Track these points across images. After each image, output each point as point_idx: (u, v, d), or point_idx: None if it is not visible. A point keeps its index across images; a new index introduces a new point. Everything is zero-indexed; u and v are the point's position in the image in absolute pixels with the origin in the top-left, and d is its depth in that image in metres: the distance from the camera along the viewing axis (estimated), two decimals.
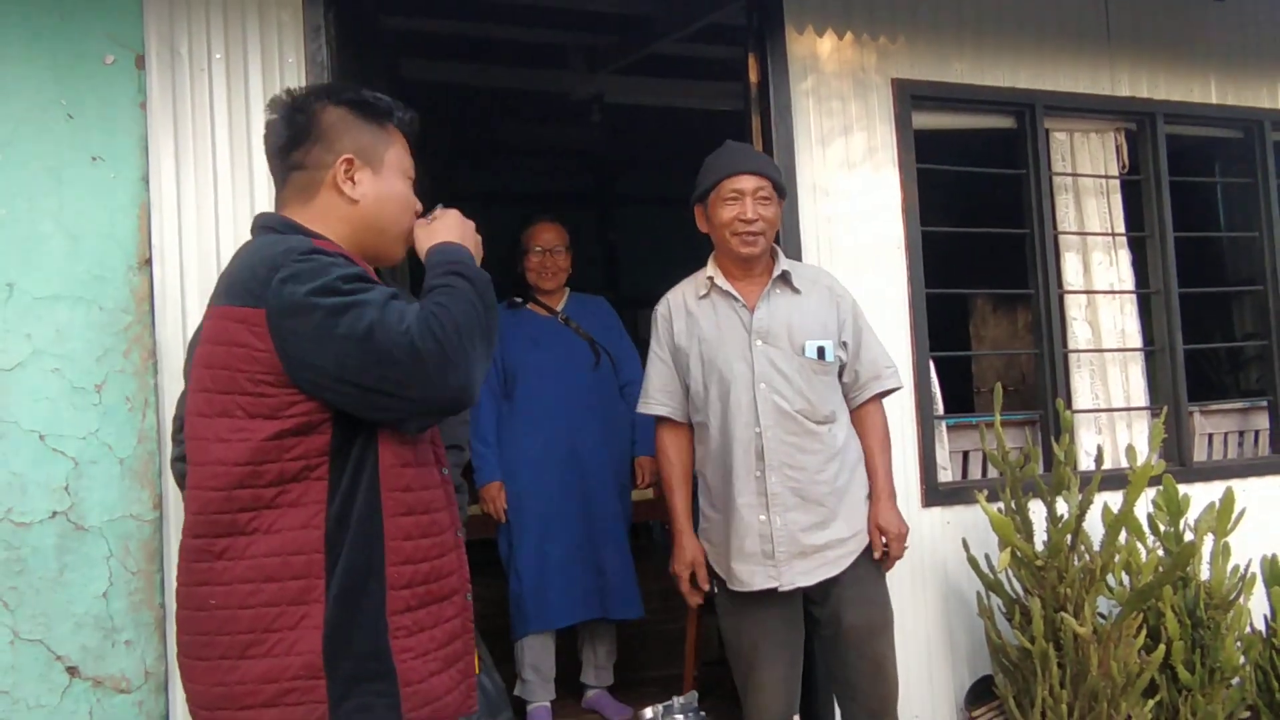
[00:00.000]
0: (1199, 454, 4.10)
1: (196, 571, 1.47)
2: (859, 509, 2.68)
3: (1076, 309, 3.97)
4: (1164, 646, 3.05)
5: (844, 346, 2.69)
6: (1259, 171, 4.26)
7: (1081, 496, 3.06)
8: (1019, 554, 3.07)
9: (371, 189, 1.64)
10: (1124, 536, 3.16)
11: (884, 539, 2.67)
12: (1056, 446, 3.19)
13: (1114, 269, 4.05)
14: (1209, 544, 3.36)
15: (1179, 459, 3.92)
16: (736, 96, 3.81)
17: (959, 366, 5.92)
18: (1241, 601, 3.27)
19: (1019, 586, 3.16)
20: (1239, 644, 3.22)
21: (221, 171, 2.81)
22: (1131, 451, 3.25)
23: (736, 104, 3.84)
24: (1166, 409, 3.71)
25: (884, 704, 2.70)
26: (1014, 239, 3.90)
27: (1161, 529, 3.33)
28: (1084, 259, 4.03)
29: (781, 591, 2.62)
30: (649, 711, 3.22)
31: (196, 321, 2.27)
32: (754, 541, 2.62)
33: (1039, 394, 3.85)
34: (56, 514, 2.62)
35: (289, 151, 1.63)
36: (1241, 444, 4.30)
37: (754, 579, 2.62)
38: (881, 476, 2.69)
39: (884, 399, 2.78)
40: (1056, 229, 3.92)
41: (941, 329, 3.81)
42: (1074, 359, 3.92)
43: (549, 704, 3.63)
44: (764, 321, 2.65)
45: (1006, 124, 3.90)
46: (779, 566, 2.60)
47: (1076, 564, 3.04)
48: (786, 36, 3.49)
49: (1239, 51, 4.22)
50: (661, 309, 2.79)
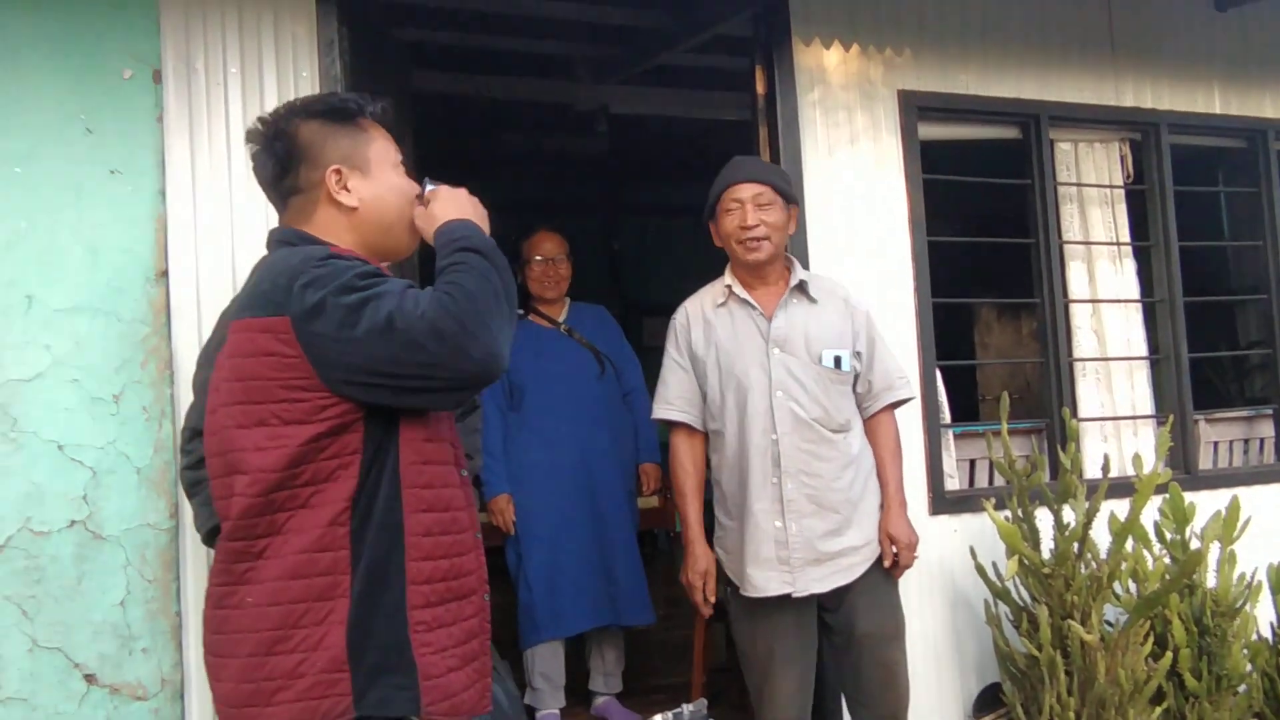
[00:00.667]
0: (1204, 462, 4.12)
1: (236, 573, 1.50)
2: (873, 517, 2.71)
3: (1082, 318, 4.00)
4: (1171, 654, 3.06)
5: (858, 356, 2.72)
6: (1262, 181, 4.29)
7: (1088, 505, 3.08)
8: (1026, 562, 3.09)
9: (366, 191, 1.66)
10: (1130, 544, 3.19)
11: (894, 548, 2.70)
12: (1063, 455, 3.21)
13: (1119, 278, 4.07)
14: (1215, 552, 3.38)
15: (1185, 467, 3.94)
16: (743, 107, 3.84)
17: (963, 375, 5.95)
18: (1248, 609, 3.29)
19: (1026, 594, 3.18)
20: (1245, 651, 3.23)
21: (237, 185, 2.84)
22: (1137, 460, 3.28)
23: (743, 114, 3.88)
24: (1172, 417, 3.74)
25: (895, 711, 2.72)
26: (1019, 248, 3.93)
27: (1168, 537, 3.35)
28: (1089, 268, 4.05)
29: (795, 598, 2.64)
30: (658, 718, 3.24)
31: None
32: (769, 547, 2.64)
33: (1045, 402, 3.88)
34: (75, 523, 2.65)
35: (280, 179, 1.66)
36: (1247, 452, 4.32)
37: (769, 584, 2.65)
38: (893, 485, 2.73)
39: (896, 409, 2.80)
40: (1062, 238, 3.95)
41: (947, 337, 3.84)
42: (1079, 367, 3.94)
43: (559, 711, 3.66)
44: (781, 330, 2.68)
45: (1012, 134, 3.93)
46: (794, 572, 2.63)
47: (1083, 572, 3.07)
48: (794, 48, 3.52)
49: (1242, 62, 4.25)
50: (679, 318, 2.82)
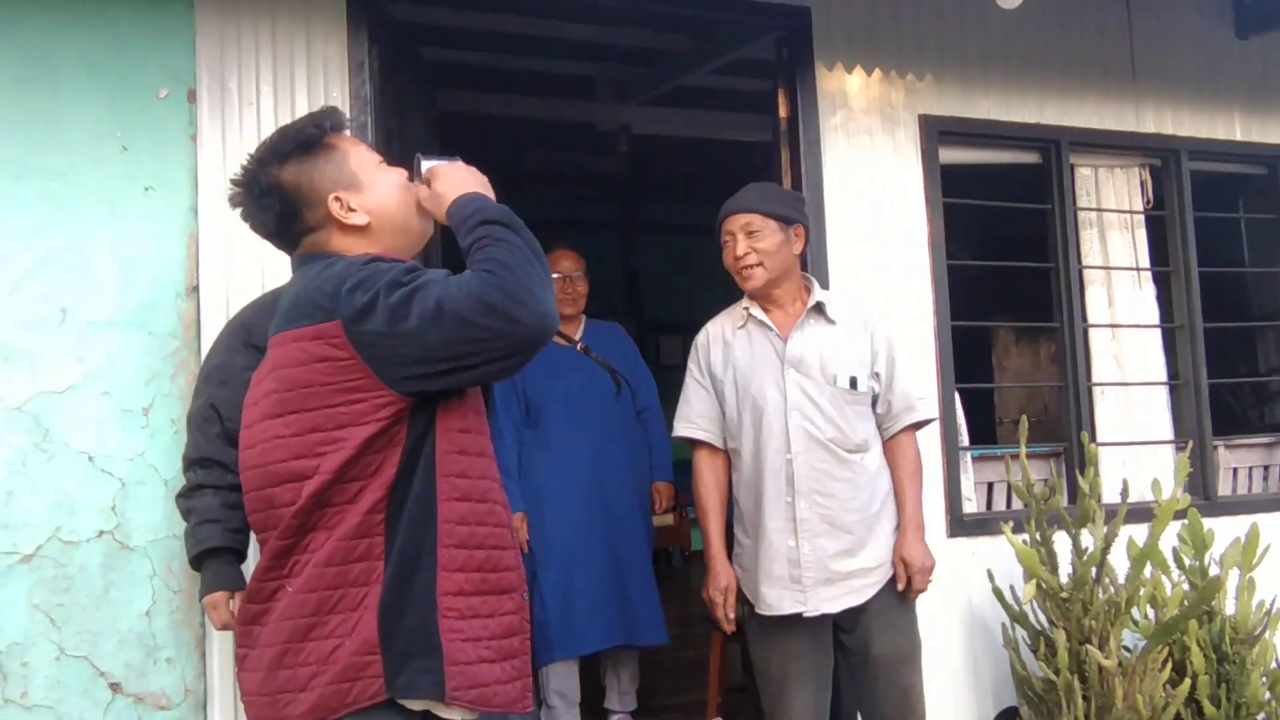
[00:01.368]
0: (1224, 488, 4.11)
1: (285, 565, 1.53)
2: (889, 539, 2.71)
3: (1101, 343, 4.01)
4: (1189, 681, 3.05)
5: (876, 377, 2.73)
6: None
7: (1106, 529, 3.08)
8: (1044, 586, 3.09)
9: (370, 203, 1.68)
10: (1149, 570, 3.18)
11: (908, 571, 2.69)
12: (1081, 479, 3.21)
13: (1139, 303, 4.08)
14: (1234, 578, 3.37)
15: (1204, 493, 3.94)
16: (764, 128, 3.88)
17: (981, 397, 5.94)
18: (1267, 637, 3.27)
19: (1044, 618, 3.18)
20: (1264, 680, 3.21)
21: None
22: (1156, 485, 3.28)
23: (763, 135, 3.92)
24: (1191, 443, 3.73)
25: None
26: (1039, 272, 3.94)
27: (1186, 563, 3.34)
28: (1109, 293, 4.06)
29: (808, 617, 2.65)
30: None
31: None
32: (782, 566, 2.66)
33: (1063, 426, 3.88)
34: (103, 533, 2.69)
35: (286, 228, 1.68)
36: (1267, 478, 4.31)
37: (781, 603, 2.66)
38: (909, 508, 2.72)
39: (917, 430, 2.81)
40: (1081, 263, 3.96)
41: (966, 360, 3.85)
42: (1098, 392, 3.95)
43: None
44: (797, 350, 2.70)
45: (1032, 159, 3.95)
46: (806, 592, 2.64)
47: (1101, 596, 3.06)
48: (816, 72, 3.56)
49: (1262, 89, 4.27)
50: (700, 338, 2.86)
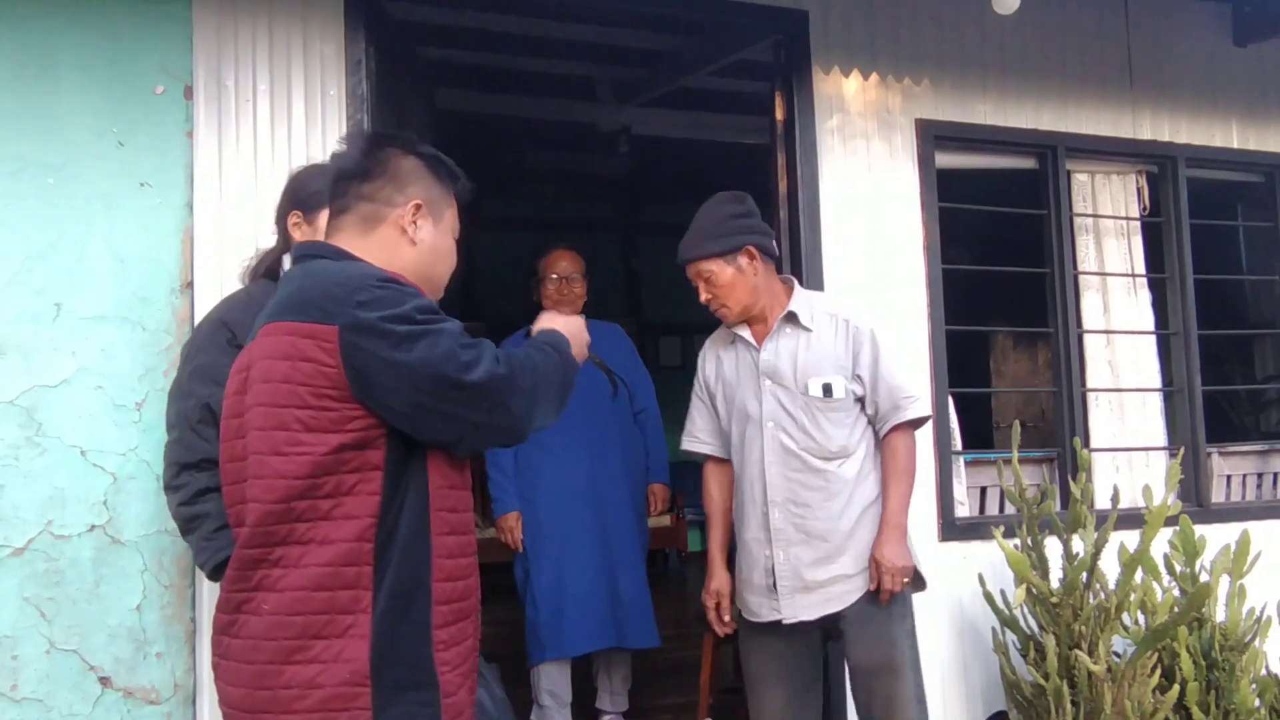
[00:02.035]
0: (1218, 495, 4.11)
1: (252, 579, 1.53)
2: (869, 545, 2.68)
3: (1096, 348, 4.01)
4: (1178, 687, 3.06)
5: (859, 380, 2.71)
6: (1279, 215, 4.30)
7: (1098, 535, 3.08)
8: (1034, 590, 3.10)
9: (430, 238, 1.73)
10: (1140, 576, 3.18)
11: (878, 571, 2.65)
12: (1074, 485, 3.22)
13: (1134, 309, 4.08)
14: (1225, 585, 3.37)
15: (1196, 500, 3.94)
16: (762, 130, 3.89)
17: (978, 402, 5.95)
18: (1257, 644, 3.28)
19: (1034, 623, 3.18)
20: (1254, 687, 3.22)
21: (263, 200, 2.88)
22: (1148, 491, 3.28)
23: (762, 137, 3.92)
24: (1183, 449, 3.73)
25: None
26: (1036, 278, 3.95)
27: (1177, 569, 3.35)
28: (1104, 299, 4.07)
29: (788, 624, 2.67)
30: None
31: None
32: (760, 575, 2.70)
33: (1057, 432, 3.88)
34: (94, 528, 2.70)
35: (362, 182, 1.71)
36: (1260, 486, 4.31)
37: (760, 610, 2.71)
38: (889, 507, 2.69)
39: (916, 428, 2.76)
40: (1077, 269, 3.96)
41: (962, 365, 3.85)
42: (1093, 398, 3.95)
43: None
44: (770, 361, 2.72)
45: (1028, 164, 3.96)
46: (781, 600, 2.67)
47: (1092, 602, 3.07)
48: (813, 75, 3.57)
49: (1260, 97, 4.27)
50: (700, 356, 2.91)
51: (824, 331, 2.73)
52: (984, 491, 3.91)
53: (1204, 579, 3.32)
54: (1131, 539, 3.22)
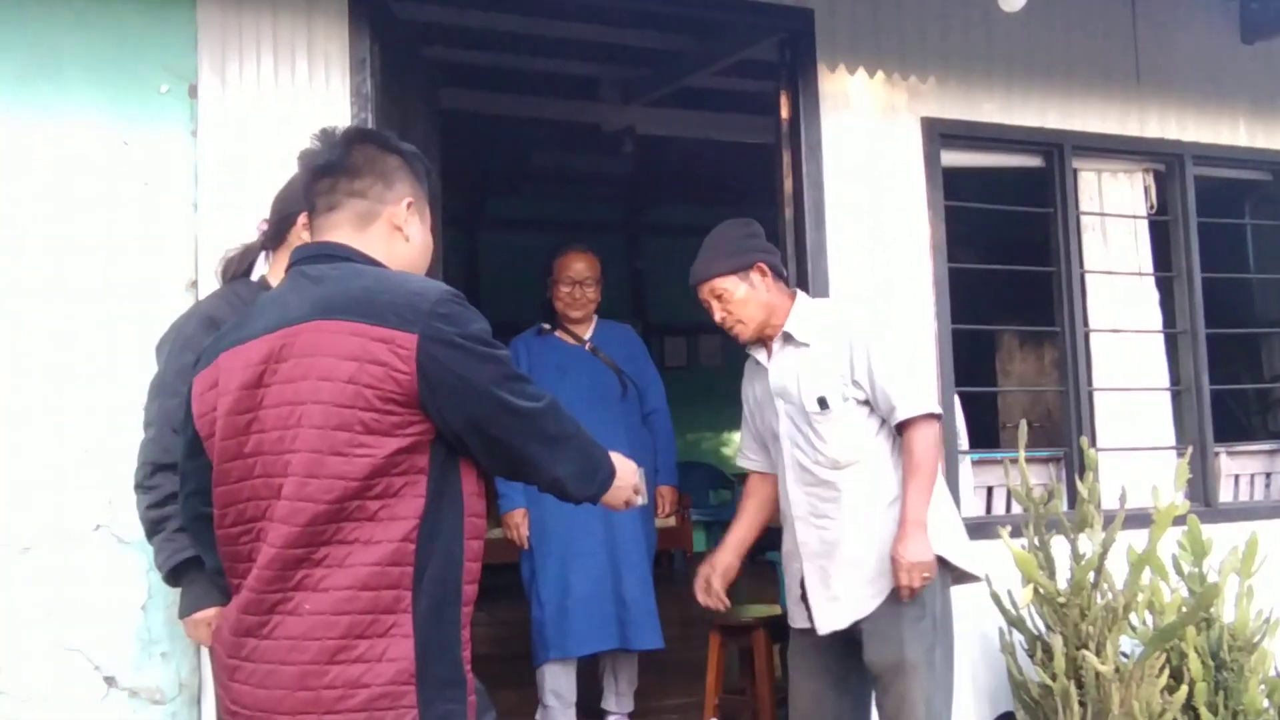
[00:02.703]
0: (1225, 495, 4.10)
1: (291, 579, 1.52)
2: (890, 545, 2.68)
3: (1103, 347, 3.99)
4: (1187, 687, 3.04)
5: (858, 385, 2.70)
6: None
7: (1105, 534, 3.07)
8: (1041, 590, 3.08)
9: (418, 235, 1.75)
10: (1147, 576, 3.17)
11: (896, 568, 2.64)
12: (1081, 484, 3.20)
13: (1141, 308, 4.07)
14: (1233, 585, 3.36)
15: (1204, 499, 3.93)
16: (767, 130, 3.88)
17: (984, 401, 5.93)
18: (1265, 644, 3.26)
19: (1041, 623, 3.17)
20: (1263, 687, 3.21)
21: (267, 198, 2.87)
22: (1156, 491, 3.26)
23: (767, 137, 3.92)
24: (1191, 448, 3.72)
25: None
26: (1043, 276, 3.93)
27: (1185, 569, 3.33)
28: (1111, 297, 4.05)
29: (820, 632, 2.73)
30: None
31: None
32: (795, 587, 2.80)
33: (1064, 431, 3.87)
34: (100, 527, 2.70)
35: (352, 179, 1.70)
36: (1269, 486, 4.29)
37: (798, 619, 2.82)
38: (905, 504, 2.68)
39: (931, 423, 2.71)
40: (1083, 267, 3.95)
41: (969, 365, 3.84)
42: (1100, 397, 3.93)
43: None
44: (778, 381, 2.78)
45: (1035, 163, 3.95)
46: (814, 610, 2.74)
47: (1099, 602, 3.05)
48: (819, 74, 3.56)
49: (1267, 94, 4.25)
50: (746, 370, 2.94)
51: (821, 343, 2.74)
52: (990, 491, 3.90)
53: (1212, 579, 3.30)
54: (1139, 539, 3.21)
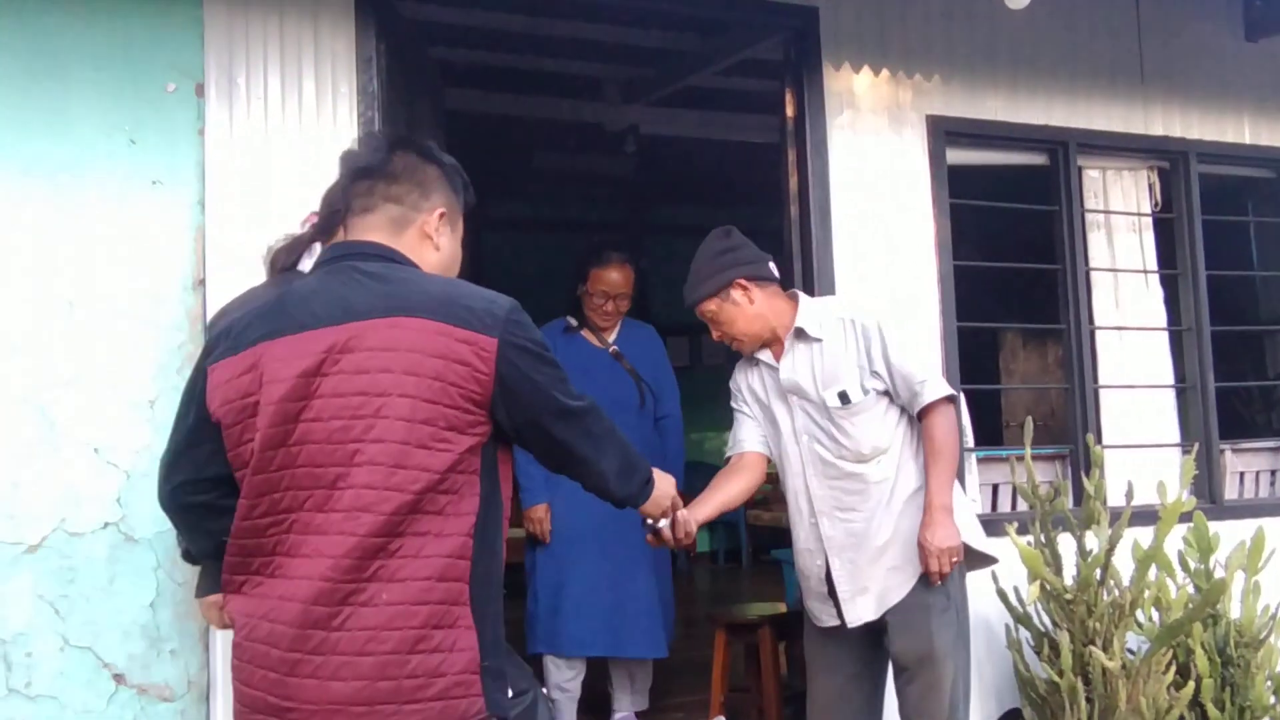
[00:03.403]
0: (1230, 492, 4.10)
1: (368, 569, 1.54)
2: (916, 533, 2.69)
3: (1107, 345, 4.00)
4: (1193, 683, 3.04)
5: (877, 375, 2.71)
6: None
7: (1111, 531, 3.07)
8: (1048, 587, 3.08)
9: (448, 245, 1.79)
10: (1154, 572, 3.17)
11: (924, 555, 2.64)
12: (1087, 481, 3.20)
13: (1146, 306, 4.07)
14: (1239, 582, 3.35)
15: (1210, 496, 3.92)
16: (771, 129, 3.89)
17: (989, 399, 5.93)
18: (1272, 640, 3.26)
19: (1048, 620, 3.17)
20: (1269, 683, 3.21)
21: (275, 197, 2.90)
22: (1162, 488, 3.26)
23: (771, 136, 3.92)
24: (1197, 446, 3.72)
25: None
26: (1048, 275, 3.93)
27: (1191, 566, 3.33)
28: (1115, 295, 4.05)
29: (851, 627, 2.72)
30: None
31: None
32: (818, 583, 2.77)
33: (1069, 429, 3.87)
34: (108, 525, 2.71)
35: (389, 184, 1.73)
36: (1274, 483, 4.29)
37: (823, 617, 2.79)
38: (929, 489, 2.68)
39: (950, 404, 2.71)
40: (1088, 265, 3.95)
41: (973, 363, 3.84)
42: (1105, 394, 3.94)
43: None
44: (789, 377, 2.76)
45: (1039, 161, 3.95)
46: (843, 604, 2.72)
47: (1106, 599, 3.05)
48: (823, 72, 3.56)
49: (1272, 92, 4.25)
50: (732, 382, 2.94)
51: (834, 337, 2.74)
52: (996, 488, 3.89)
53: (1218, 575, 3.30)
54: (1145, 535, 3.21)
